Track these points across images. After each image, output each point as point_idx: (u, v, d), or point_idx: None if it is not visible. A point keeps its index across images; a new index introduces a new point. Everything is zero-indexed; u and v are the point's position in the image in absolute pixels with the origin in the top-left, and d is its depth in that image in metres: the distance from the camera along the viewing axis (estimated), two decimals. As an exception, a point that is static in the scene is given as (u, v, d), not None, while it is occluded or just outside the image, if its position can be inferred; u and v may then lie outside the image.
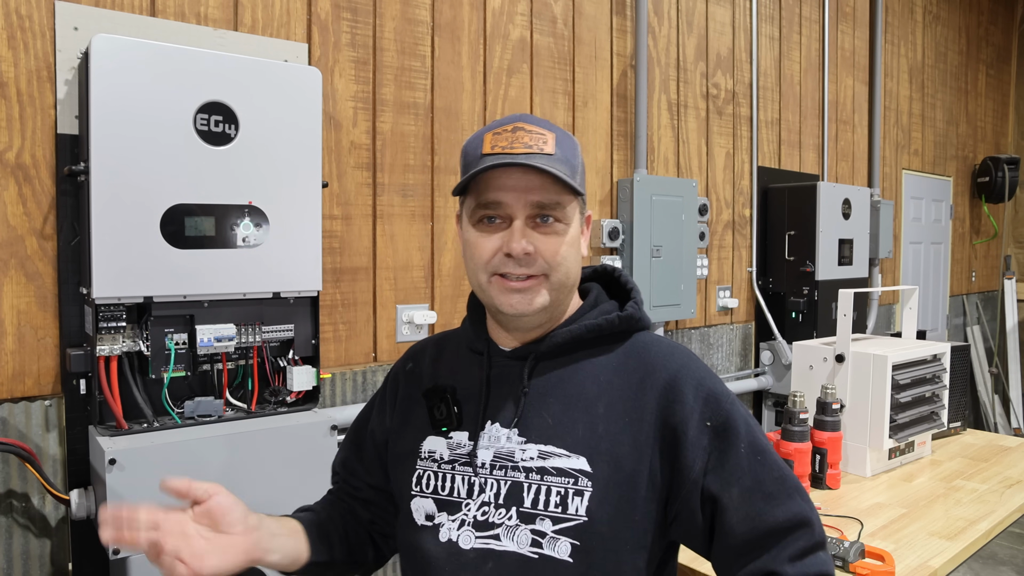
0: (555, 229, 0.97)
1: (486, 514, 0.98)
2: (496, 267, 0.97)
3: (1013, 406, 5.59)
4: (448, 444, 1.04)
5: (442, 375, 1.10)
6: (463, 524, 0.99)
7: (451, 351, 1.14)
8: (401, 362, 1.20)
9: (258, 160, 1.71)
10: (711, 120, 3.32)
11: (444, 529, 1.00)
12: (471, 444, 1.02)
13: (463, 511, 1.00)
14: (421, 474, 1.05)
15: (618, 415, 0.98)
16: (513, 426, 1.00)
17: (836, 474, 1.94)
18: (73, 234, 1.70)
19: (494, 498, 0.98)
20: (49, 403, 1.68)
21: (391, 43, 2.24)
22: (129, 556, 1.49)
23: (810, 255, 3.47)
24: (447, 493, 1.02)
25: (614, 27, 2.89)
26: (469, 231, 1.00)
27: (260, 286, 1.73)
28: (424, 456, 1.06)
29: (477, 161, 0.97)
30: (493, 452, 1.00)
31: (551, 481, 0.96)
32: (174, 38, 1.80)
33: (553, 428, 0.98)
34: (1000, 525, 1.75)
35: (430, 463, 1.05)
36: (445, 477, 1.03)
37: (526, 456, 0.98)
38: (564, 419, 0.98)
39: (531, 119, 1.00)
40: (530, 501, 0.96)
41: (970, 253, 5.72)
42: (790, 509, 0.93)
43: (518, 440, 0.99)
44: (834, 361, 2.11)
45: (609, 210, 2.88)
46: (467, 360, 1.09)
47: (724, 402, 0.98)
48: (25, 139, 1.65)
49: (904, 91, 4.76)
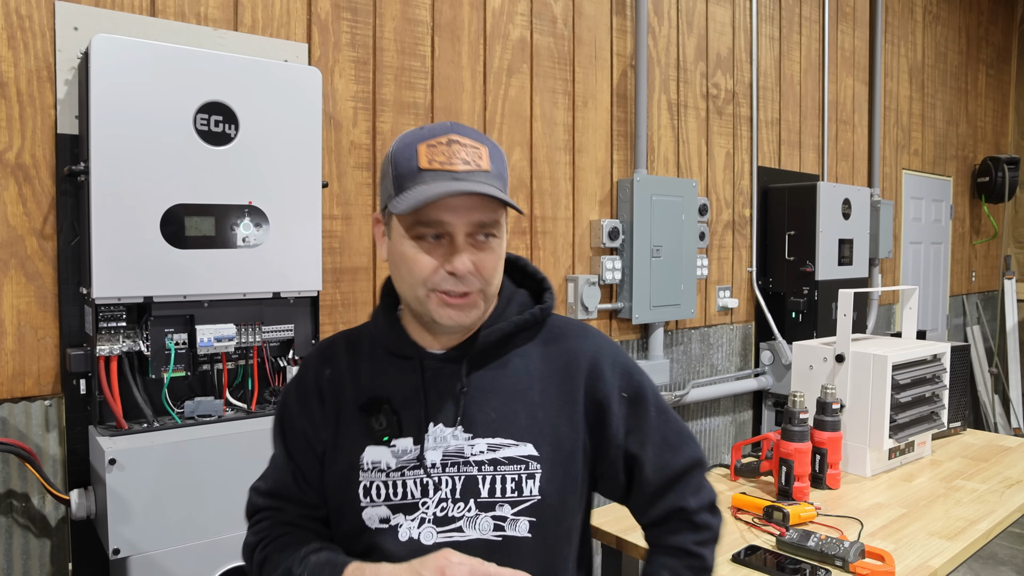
0: (492, 245, 1.00)
1: (445, 510, 1.03)
2: (436, 284, 0.98)
3: (1013, 406, 5.59)
4: (393, 452, 1.04)
5: (366, 381, 1.08)
6: (423, 522, 1.03)
7: (366, 354, 1.10)
8: (315, 367, 1.11)
9: (258, 160, 1.71)
10: (711, 120, 3.32)
11: (403, 529, 1.03)
12: (417, 448, 1.04)
13: (421, 510, 1.03)
14: (368, 485, 1.04)
15: (552, 399, 1.07)
16: (456, 424, 1.04)
17: (836, 474, 1.94)
18: (73, 234, 1.70)
19: (450, 494, 1.03)
20: (49, 403, 1.68)
21: (391, 43, 2.24)
22: (129, 556, 1.49)
23: (810, 255, 3.47)
24: (400, 497, 1.04)
25: (614, 27, 2.89)
26: (406, 244, 0.99)
27: (260, 286, 1.73)
28: (367, 468, 1.04)
29: (415, 175, 0.96)
30: (441, 452, 1.04)
31: (504, 470, 1.03)
32: (174, 38, 1.80)
33: (497, 421, 1.04)
34: (1000, 525, 1.75)
35: (376, 473, 1.04)
36: (396, 484, 1.04)
37: (476, 451, 1.04)
38: (506, 411, 1.05)
39: (462, 129, 1.00)
40: (487, 491, 1.03)
41: (970, 253, 5.72)
42: (689, 454, 1.11)
43: (465, 437, 1.04)
44: (834, 361, 2.11)
45: (609, 210, 2.88)
46: (389, 364, 1.08)
47: (635, 374, 1.12)
48: (25, 139, 1.65)
49: (904, 91, 4.76)
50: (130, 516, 1.48)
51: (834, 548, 1.49)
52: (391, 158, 1.00)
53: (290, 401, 1.12)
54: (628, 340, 2.98)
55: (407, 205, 0.94)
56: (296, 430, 1.10)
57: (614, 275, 2.82)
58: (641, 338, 3.02)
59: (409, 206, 0.94)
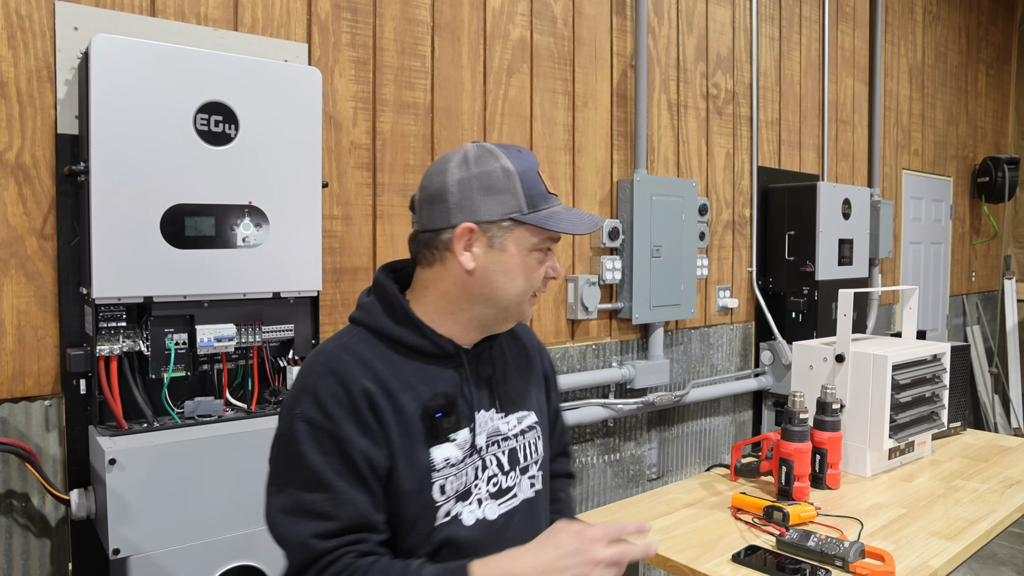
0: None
1: (497, 484, 1.16)
2: (540, 287, 1.15)
3: (1013, 406, 5.59)
4: (456, 445, 1.11)
5: (420, 386, 1.09)
6: (481, 503, 1.13)
7: (400, 359, 1.10)
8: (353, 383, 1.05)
9: (258, 160, 1.71)
10: (711, 120, 3.32)
11: (466, 514, 1.12)
12: (471, 436, 1.13)
13: (475, 492, 1.13)
14: (444, 483, 1.09)
15: (530, 376, 1.28)
16: (493, 408, 1.17)
17: (836, 474, 1.94)
18: (73, 234, 1.70)
19: (499, 469, 1.16)
20: (49, 403, 1.68)
21: (391, 43, 2.24)
22: (129, 556, 1.49)
23: (810, 255, 3.47)
24: (463, 486, 1.12)
25: (614, 27, 2.89)
26: (531, 256, 1.11)
27: (260, 286, 1.73)
28: (440, 467, 1.09)
29: (546, 198, 1.10)
30: (486, 434, 1.16)
31: (528, 438, 1.22)
32: (174, 38, 1.80)
33: (515, 398, 1.22)
34: (1000, 525, 1.75)
35: (448, 470, 1.09)
36: (461, 474, 1.11)
37: (510, 426, 1.20)
38: (518, 388, 1.24)
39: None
40: (523, 457, 1.21)
41: (970, 253, 5.72)
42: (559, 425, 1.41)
43: (499, 417, 1.18)
44: (834, 361, 2.11)
45: (609, 210, 2.88)
46: (426, 363, 1.12)
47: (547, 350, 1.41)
48: (25, 139, 1.65)
49: (904, 91, 4.76)
50: (130, 516, 1.48)
51: (834, 548, 1.49)
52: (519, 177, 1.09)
53: (341, 425, 1.03)
54: (628, 340, 2.98)
55: (569, 228, 1.09)
56: (358, 454, 1.03)
57: (614, 275, 2.82)
58: (641, 338, 3.03)
59: (571, 230, 1.09)
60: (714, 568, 1.47)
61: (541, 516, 1.24)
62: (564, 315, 2.73)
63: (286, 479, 1.04)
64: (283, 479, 1.04)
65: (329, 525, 1.00)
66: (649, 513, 1.77)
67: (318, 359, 1.08)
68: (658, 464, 3.17)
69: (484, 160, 1.08)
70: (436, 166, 1.12)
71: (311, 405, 1.03)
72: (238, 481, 1.60)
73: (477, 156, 1.09)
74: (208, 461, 1.57)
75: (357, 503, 1.02)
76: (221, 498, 1.58)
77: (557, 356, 2.71)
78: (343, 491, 1.01)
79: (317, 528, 1.00)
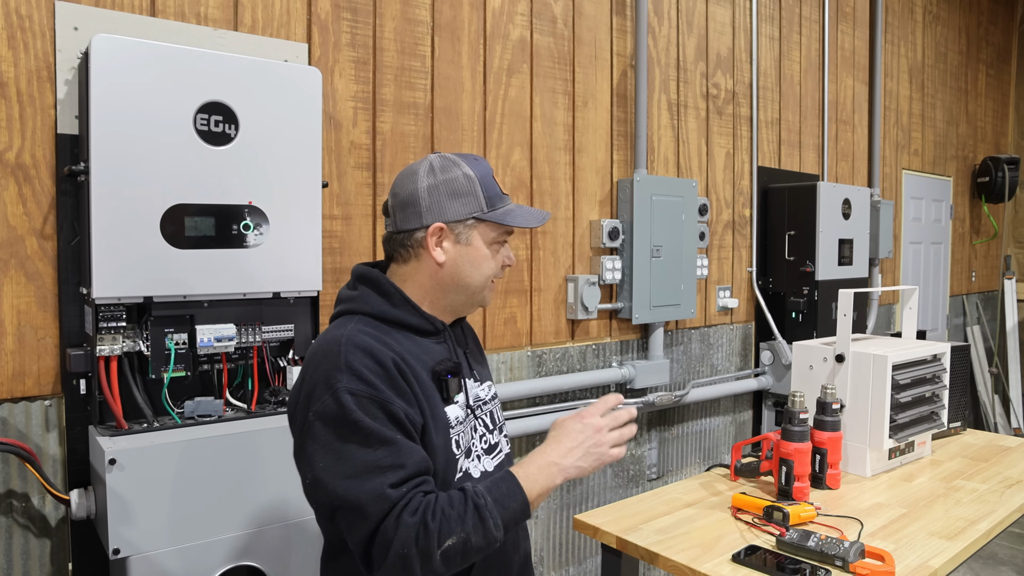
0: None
1: (487, 441, 1.34)
2: (498, 274, 1.32)
3: (1013, 406, 5.59)
4: (459, 406, 1.27)
5: (426, 356, 1.25)
6: (480, 458, 1.31)
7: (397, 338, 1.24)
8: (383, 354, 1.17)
9: (258, 160, 1.71)
10: (711, 120, 3.32)
11: (472, 468, 1.27)
12: (465, 398, 1.30)
13: (474, 449, 1.30)
14: (458, 440, 1.25)
15: (481, 353, 1.47)
16: (471, 376, 1.35)
17: (836, 474, 1.94)
18: (73, 234, 1.70)
19: (486, 428, 1.35)
20: (49, 403, 1.68)
21: (391, 43, 2.24)
22: (129, 556, 1.49)
23: (810, 255, 3.47)
24: (467, 443, 1.28)
25: (614, 27, 2.89)
26: (486, 249, 1.28)
27: (260, 286, 1.73)
28: (454, 424, 1.25)
29: (502, 199, 1.29)
30: (473, 398, 1.33)
31: (495, 404, 1.41)
32: (174, 38, 1.80)
33: (481, 370, 1.41)
34: (1000, 525, 1.75)
35: (459, 427, 1.26)
36: (465, 431, 1.28)
37: (485, 392, 1.38)
38: (481, 360, 1.44)
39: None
40: (500, 418, 1.42)
41: (970, 253, 5.72)
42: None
43: (475, 384, 1.36)
44: (834, 361, 2.11)
45: (609, 210, 2.88)
46: (421, 339, 1.27)
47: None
48: (25, 139, 1.65)
49: (904, 91, 4.76)
50: (130, 516, 1.48)
51: (834, 548, 1.49)
52: (479, 182, 1.26)
53: (382, 390, 1.14)
54: (628, 340, 2.98)
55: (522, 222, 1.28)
56: (402, 414, 1.14)
57: (614, 275, 2.82)
58: (641, 338, 3.03)
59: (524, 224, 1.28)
60: (714, 568, 1.47)
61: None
62: (564, 315, 2.73)
63: (342, 450, 1.10)
64: (338, 451, 1.11)
65: (400, 473, 1.10)
66: (649, 513, 1.77)
67: (334, 344, 1.17)
68: (658, 464, 3.17)
69: (448, 168, 1.25)
70: (405, 175, 1.27)
71: (351, 378, 1.12)
72: (238, 481, 1.60)
73: (442, 165, 1.25)
74: (208, 461, 1.57)
75: (416, 452, 1.14)
76: (221, 498, 1.58)
77: (557, 356, 2.71)
78: (403, 444, 1.12)
79: (391, 478, 1.09)
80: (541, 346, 2.66)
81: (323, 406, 1.12)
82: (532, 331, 2.63)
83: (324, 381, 1.13)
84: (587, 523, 1.71)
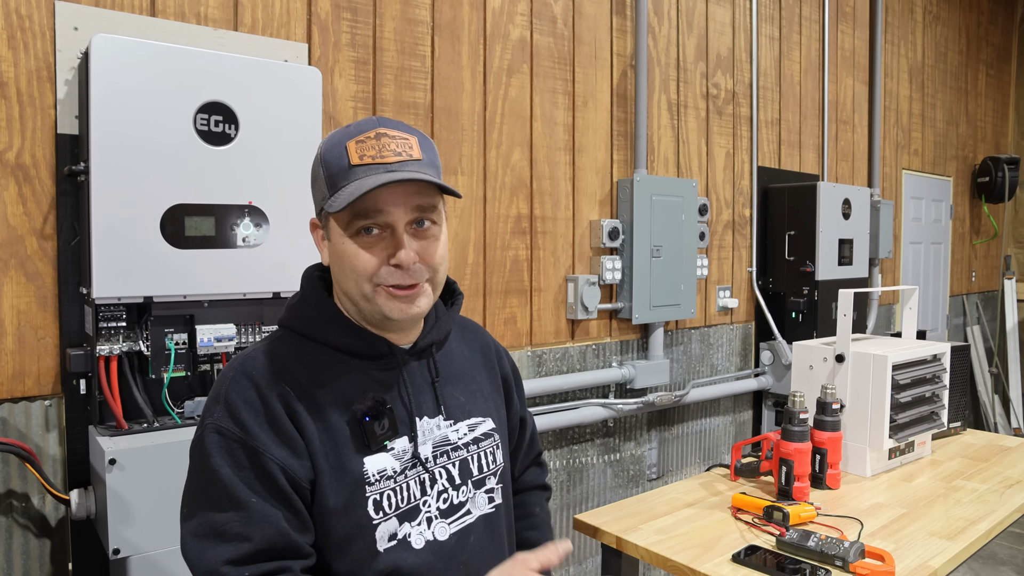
0: (432, 232, 1.01)
1: (447, 500, 1.05)
2: (382, 279, 0.98)
3: (1013, 406, 5.59)
4: (393, 455, 1.01)
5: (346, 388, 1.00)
6: (431, 521, 1.03)
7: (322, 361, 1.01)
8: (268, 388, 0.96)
9: (258, 160, 1.71)
10: (711, 120, 3.32)
11: (415, 536, 1.01)
12: (412, 445, 1.03)
13: (424, 510, 1.02)
14: (379, 499, 0.98)
15: (487, 380, 1.19)
16: (438, 415, 1.07)
17: (836, 474, 1.94)
18: (73, 234, 1.70)
19: (449, 483, 1.06)
20: (49, 403, 1.68)
21: (391, 43, 2.24)
22: (129, 556, 1.49)
23: (810, 255, 3.47)
24: (406, 503, 1.01)
25: (614, 27, 2.89)
26: (346, 243, 0.98)
27: (260, 286, 1.73)
28: (374, 480, 0.98)
29: (347, 173, 0.96)
30: (431, 444, 1.05)
31: (483, 446, 1.12)
32: (174, 38, 1.80)
33: (465, 404, 1.12)
34: (1000, 525, 1.75)
35: (385, 482, 0.99)
36: (401, 489, 1.01)
37: (460, 435, 1.09)
38: (469, 392, 1.13)
39: (389, 122, 1.00)
40: (476, 469, 1.10)
41: (970, 253, 5.72)
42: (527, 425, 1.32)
43: (447, 424, 1.08)
44: (834, 361, 2.11)
45: (609, 210, 2.88)
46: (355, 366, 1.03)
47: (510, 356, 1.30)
48: (25, 139, 1.65)
49: (904, 91, 4.76)
50: (130, 516, 1.48)
51: (834, 548, 1.49)
52: (321, 159, 0.99)
53: (255, 434, 0.93)
54: (628, 340, 2.98)
55: (343, 201, 0.94)
56: (275, 466, 0.93)
57: (614, 275, 2.82)
58: (641, 338, 3.02)
59: (345, 201, 0.93)
60: (714, 568, 1.47)
61: (503, 534, 1.12)
62: (564, 315, 2.73)
63: (198, 499, 0.94)
64: (195, 500, 0.94)
65: (245, 547, 0.90)
66: (649, 513, 1.77)
67: (233, 363, 1.00)
68: (658, 464, 3.17)
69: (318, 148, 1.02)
70: None
71: (223, 413, 0.95)
72: (238, 481, 1.60)
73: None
74: (208, 461, 1.57)
75: (274, 521, 0.91)
76: (221, 498, 1.58)
77: (557, 356, 2.71)
78: (258, 509, 0.91)
79: (231, 553, 0.89)
80: (541, 346, 2.66)
81: (195, 438, 0.97)
82: (532, 331, 2.63)
83: (207, 408, 0.98)
84: (587, 523, 1.71)
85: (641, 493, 1.93)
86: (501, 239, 2.51)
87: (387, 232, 0.98)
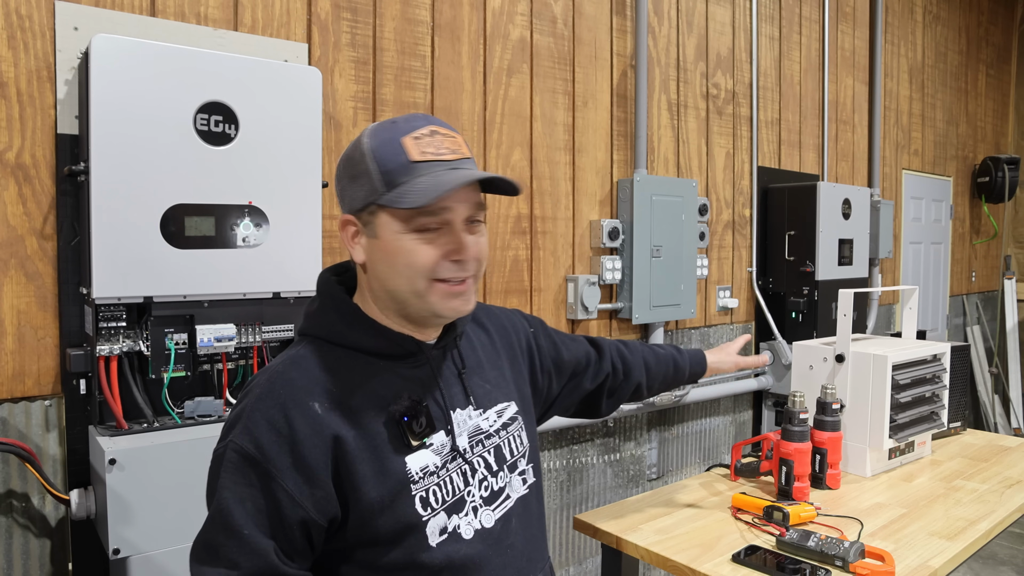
0: (481, 229, 1.04)
1: (488, 487, 1.08)
2: (439, 273, 0.99)
3: (1013, 406, 5.59)
4: (434, 450, 1.03)
5: (381, 391, 1.01)
6: (477, 510, 1.05)
7: (350, 366, 1.01)
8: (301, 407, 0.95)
9: (258, 160, 1.71)
10: (711, 120, 3.32)
11: (464, 527, 1.03)
12: (449, 439, 1.05)
13: (468, 500, 1.05)
14: (426, 495, 1.00)
15: (506, 361, 1.20)
16: (468, 405, 1.09)
17: (836, 474, 1.94)
18: (73, 234, 1.70)
19: (488, 471, 1.08)
20: (49, 403, 1.68)
21: (391, 43, 2.24)
22: (129, 556, 1.49)
23: (810, 255, 3.47)
24: (451, 496, 1.03)
25: (614, 27, 2.89)
26: (402, 238, 0.97)
27: (260, 286, 1.73)
28: (419, 478, 1.00)
29: (408, 169, 0.96)
30: (467, 435, 1.08)
31: (511, 430, 1.14)
32: (174, 38, 1.80)
33: (492, 391, 1.14)
34: (1000, 525, 1.75)
35: (429, 479, 1.01)
36: (445, 483, 1.03)
37: (490, 422, 1.11)
38: (493, 378, 1.16)
39: (435, 120, 1.02)
40: (509, 453, 1.13)
41: (970, 253, 5.72)
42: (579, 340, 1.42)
43: (477, 413, 1.10)
44: (834, 361, 2.11)
45: (609, 210, 2.88)
46: (384, 367, 1.03)
47: (524, 313, 1.34)
48: (25, 139, 1.65)
49: (904, 91, 4.76)
50: (130, 516, 1.48)
51: (834, 548, 1.49)
52: (371, 154, 0.97)
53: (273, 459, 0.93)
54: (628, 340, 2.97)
55: (422, 198, 0.93)
56: (283, 493, 0.93)
57: (614, 275, 2.82)
58: (641, 338, 3.02)
59: (427, 197, 0.93)
60: (714, 568, 1.47)
61: (538, 513, 1.17)
62: (564, 315, 2.73)
63: (210, 505, 0.96)
64: (209, 510, 0.96)
65: (232, 575, 0.91)
66: (649, 513, 1.77)
67: (260, 378, 0.99)
68: (658, 464, 3.17)
69: (356, 143, 1.01)
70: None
71: (243, 433, 0.94)
72: (238, 481, 1.60)
73: (356, 140, 1.01)
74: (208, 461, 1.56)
75: (264, 554, 0.91)
76: (221, 498, 1.58)
77: (557, 356, 2.70)
78: (247, 541, 0.91)
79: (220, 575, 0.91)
80: (541, 346, 2.65)
81: (215, 451, 0.97)
82: (532, 331, 2.63)
83: (229, 422, 0.98)
84: (587, 523, 1.71)
85: (641, 493, 1.93)
86: (501, 239, 2.51)
87: (444, 228, 0.99)
